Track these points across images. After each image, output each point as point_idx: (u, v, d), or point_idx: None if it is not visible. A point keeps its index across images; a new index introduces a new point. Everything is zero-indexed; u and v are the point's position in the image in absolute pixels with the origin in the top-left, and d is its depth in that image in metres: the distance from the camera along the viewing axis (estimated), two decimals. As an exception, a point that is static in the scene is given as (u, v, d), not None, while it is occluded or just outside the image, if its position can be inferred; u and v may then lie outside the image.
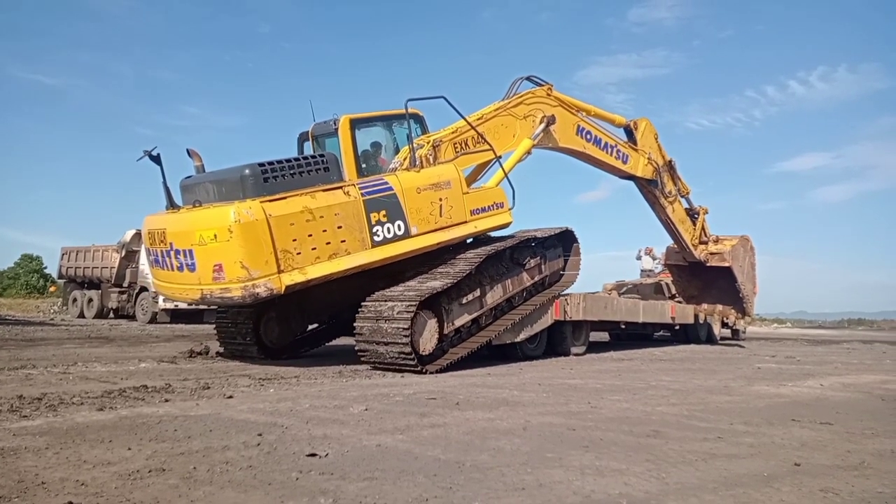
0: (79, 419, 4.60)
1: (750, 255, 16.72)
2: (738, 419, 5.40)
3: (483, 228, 10.18)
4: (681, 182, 15.27)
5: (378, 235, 8.80)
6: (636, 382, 7.98)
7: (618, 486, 3.27)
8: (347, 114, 9.99)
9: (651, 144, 14.39)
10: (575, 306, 11.67)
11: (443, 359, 8.77)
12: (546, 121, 11.67)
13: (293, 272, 8.05)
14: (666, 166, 14.72)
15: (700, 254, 15.85)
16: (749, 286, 16.63)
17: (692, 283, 17.00)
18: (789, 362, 12.48)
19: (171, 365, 8.72)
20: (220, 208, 8.10)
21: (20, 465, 3.36)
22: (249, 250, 7.79)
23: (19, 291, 39.96)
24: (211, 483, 3.16)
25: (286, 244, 7.99)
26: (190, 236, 8.19)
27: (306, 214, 8.17)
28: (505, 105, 11.34)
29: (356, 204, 8.64)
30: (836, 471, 3.78)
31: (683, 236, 15.44)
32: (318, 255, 8.29)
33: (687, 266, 16.50)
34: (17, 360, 8.76)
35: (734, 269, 15.79)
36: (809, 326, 46.64)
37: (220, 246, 7.86)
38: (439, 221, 9.50)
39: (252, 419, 4.75)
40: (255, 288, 7.85)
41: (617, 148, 13.53)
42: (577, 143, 12.68)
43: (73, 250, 25.59)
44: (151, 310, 21.25)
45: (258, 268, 7.82)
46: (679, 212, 15.37)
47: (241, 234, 7.74)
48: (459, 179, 9.88)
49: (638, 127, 14.25)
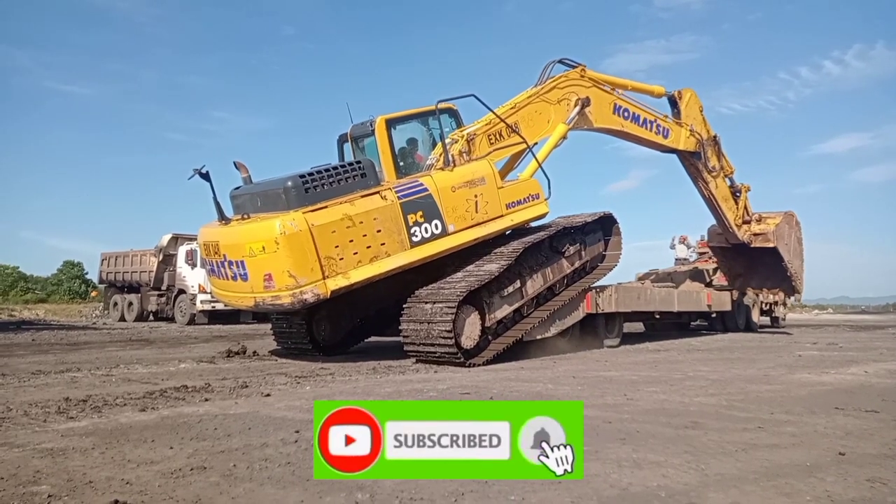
0: (122, 420, 4.72)
1: (796, 230, 16.08)
2: (779, 408, 5.28)
3: (520, 221, 10.26)
4: (725, 160, 14.83)
5: (416, 236, 9.02)
6: (673, 373, 7.87)
7: (656, 479, 3.23)
8: (383, 114, 10.14)
9: (695, 116, 14.01)
10: (607, 298, 11.56)
11: (487, 351, 8.94)
12: (581, 103, 11.48)
13: (337, 277, 8.46)
14: (711, 141, 14.29)
15: (743, 235, 15.29)
16: (797, 263, 16.07)
17: (737, 262, 16.45)
18: (831, 349, 12.18)
19: (209, 365, 8.89)
20: (266, 221, 8.50)
21: (69, 465, 3.47)
22: (296, 259, 8.24)
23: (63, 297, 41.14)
24: (251, 480, 3.21)
25: (329, 251, 8.39)
26: (241, 248, 8.66)
27: (346, 221, 8.52)
28: (538, 91, 11.21)
29: (393, 207, 8.89)
30: (883, 460, 3.67)
31: (726, 215, 14.90)
32: (360, 259, 8.62)
33: (730, 247, 15.97)
34: (62, 363, 9.03)
35: (780, 249, 15.22)
36: (852, 312, 45.43)
37: (269, 257, 8.32)
38: (476, 217, 9.62)
39: (289, 416, 4.82)
40: (303, 294, 8.30)
41: (657, 123, 13.23)
42: (615, 122, 12.46)
43: (112, 255, 26.21)
44: (190, 311, 21.70)
45: (305, 275, 8.26)
46: (723, 189, 14.86)
47: (287, 245, 8.20)
48: (493, 175, 9.96)
49: (682, 97, 13.87)
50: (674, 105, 13.87)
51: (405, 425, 2.84)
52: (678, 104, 13.81)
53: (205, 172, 8.84)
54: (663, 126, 13.39)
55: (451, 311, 8.27)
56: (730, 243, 15.73)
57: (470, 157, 10.08)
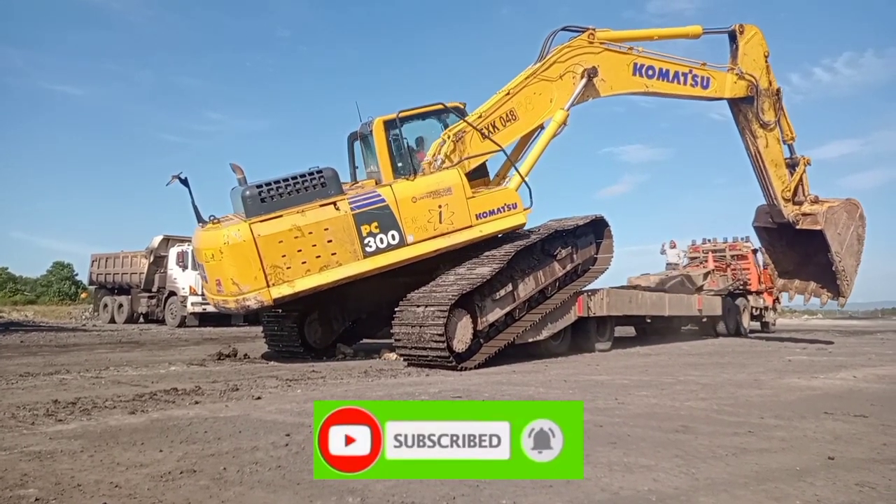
0: (112, 422, 4.69)
1: (857, 224, 13.60)
2: (769, 413, 5.31)
3: (491, 231, 9.96)
4: (786, 120, 13.06)
5: (370, 246, 9.08)
6: (663, 377, 7.89)
7: (646, 483, 3.24)
8: (381, 115, 10.18)
9: (756, 58, 12.46)
10: (598, 302, 11.59)
11: (479, 354, 8.95)
12: (587, 74, 10.61)
13: (282, 285, 8.70)
14: (769, 91, 12.64)
15: (790, 212, 13.29)
16: (850, 262, 13.51)
17: (788, 255, 14.47)
18: (821, 354, 12.25)
19: (200, 367, 8.85)
20: (216, 230, 8.88)
21: (57, 468, 3.44)
22: (239, 268, 8.61)
23: (52, 298, 40.81)
24: (241, 483, 3.20)
25: (275, 260, 8.62)
26: (202, 254, 9.18)
27: (295, 231, 8.72)
28: (535, 71, 10.55)
29: (346, 218, 8.98)
30: (871, 464, 3.69)
31: (773, 183, 13.09)
32: (309, 269, 8.81)
33: (777, 230, 14.02)
34: (51, 365, 8.96)
35: (827, 235, 12.96)
36: (841, 317, 45.71)
37: (217, 264, 8.81)
38: (439, 228, 9.50)
39: (280, 420, 4.80)
40: (246, 301, 8.71)
41: (692, 74, 11.86)
42: (637, 83, 11.38)
43: (102, 257, 26.06)
44: (180, 314, 21.60)
45: (248, 283, 8.62)
46: (774, 150, 13.10)
47: (230, 255, 8.61)
48: (462, 184, 9.71)
49: (744, 34, 12.36)
50: (733, 40, 12.39)
51: (405, 425, 2.85)
52: (737, 40, 12.27)
53: (184, 178, 8.98)
54: (701, 76, 11.96)
55: (443, 315, 8.27)
56: (775, 222, 13.72)
57: (461, 155, 10.00)
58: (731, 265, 20.61)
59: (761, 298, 20.57)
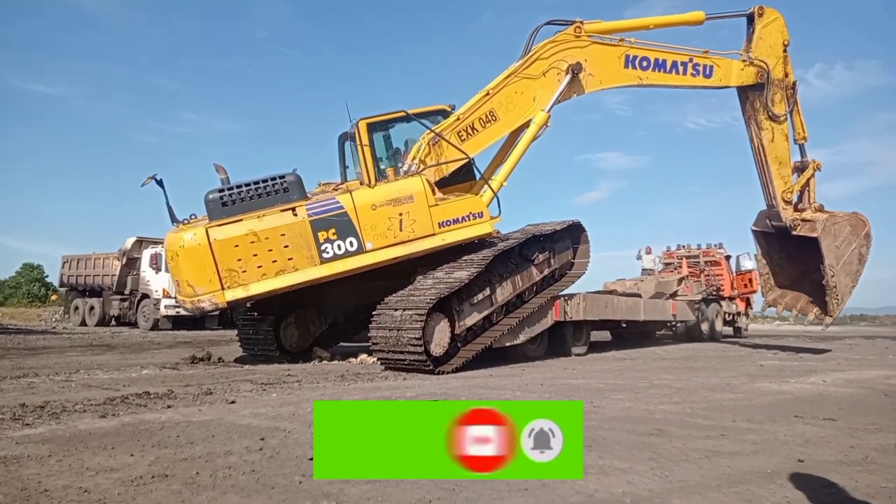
0: (81, 426, 4.59)
1: (861, 242, 12.52)
2: (741, 416, 5.39)
3: (454, 240, 9.79)
4: (799, 118, 12.34)
5: (327, 252, 9.12)
6: (638, 381, 7.97)
7: (621, 485, 3.27)
8: (364, 117, 10.14)
9: (773, 46, 11.77)
10: (575, 306, 11.67)
11: (456, 358, 8.93)
12: (570, 71, 10.21)
13: (237, 289, 8.83)
14: (783, 82, 11.93)
15: (788, 216, 12.49)
16: (844, 280, 12.46)
17: (784, 270, 13.61)
18: (792, 359, 12.46)
19: (173, 371, 8.72)
20: (175, 234, 9.00)
21: (23, 473, 3.36)
22: (193, 271, 8.79)
23: (21, 300, 39.91)
24: (214, 488, 3.15)
25: (231, 264, 8.76)
26: (167, 254, 9.48)
27: (251, 237, 8.83)
28: (516, 69, 10.23)
29: (303, 224, 9.02)
30: (839, 466, 3.77)
31: (774, 181, 12.41)
32: (265, 273, 8.90)
33: (776, 240, 13.29)
34: (19, 368, 8.76)
35: (822, 245, 12.04)
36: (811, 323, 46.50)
37: (175, 266, 9.06)
38: (399, 236, 9.45)
39: (254, 424, 4.74)
40: (201, 303, 8.83)
41: (692, 63, 11.26)
42: (629, 76, 10.88)
43: (73, 258, 25.59)
44: (153, 317, 21.29)
45: (202, 286, 8.76)
46: (780, 146, 12.36)
47: (185, 258, 8.79)
48: (424, 192, 9.58)
49: (763, 17, 11.65)
50: (750, 23, 11.70)
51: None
52: (755, 23, 11.57)
53: (159, 179, 8.96)
54: (704, 64, 11.33)
55: (420, 319, 8.25)
56: (772, 226, 12.95)
57: (437, 160, 10.01)
58: (704, 271, 20.92)
59: (734, 304, 20.89)
